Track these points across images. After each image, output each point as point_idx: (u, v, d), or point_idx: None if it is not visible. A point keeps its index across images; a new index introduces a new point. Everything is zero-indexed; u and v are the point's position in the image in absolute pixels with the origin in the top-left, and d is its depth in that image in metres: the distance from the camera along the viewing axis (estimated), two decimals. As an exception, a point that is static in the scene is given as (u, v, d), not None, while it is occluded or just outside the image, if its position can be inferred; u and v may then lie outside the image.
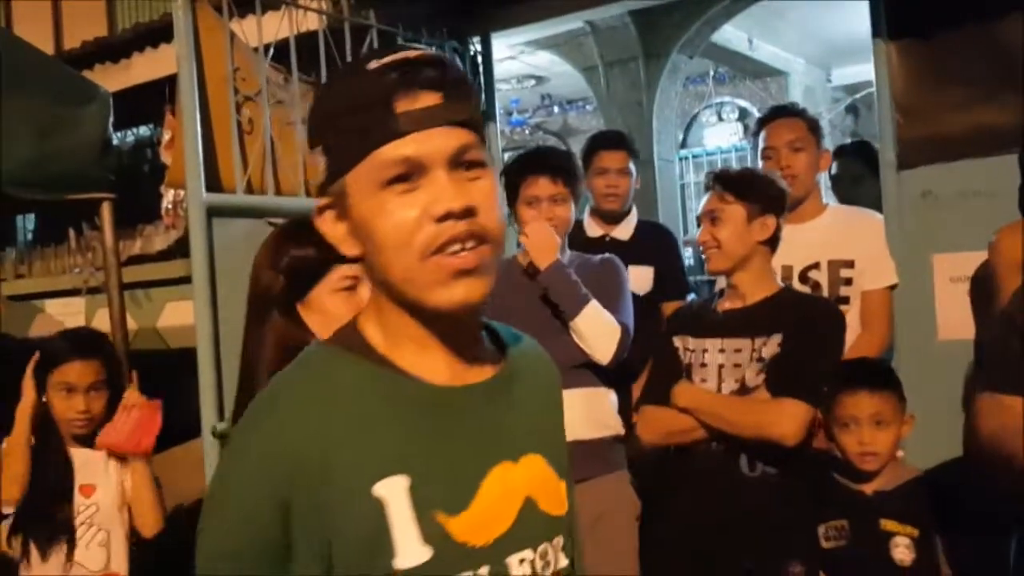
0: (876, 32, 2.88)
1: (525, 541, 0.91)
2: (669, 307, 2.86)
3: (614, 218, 3.13)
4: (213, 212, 2.52)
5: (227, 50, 2.66)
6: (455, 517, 0.86)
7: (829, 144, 2.87)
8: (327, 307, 1.56)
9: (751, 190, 2.14)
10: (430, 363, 0.91)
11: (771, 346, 2.02)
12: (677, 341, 2.12)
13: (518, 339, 1.04)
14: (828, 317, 2.10)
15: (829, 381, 2.09)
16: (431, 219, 0.85)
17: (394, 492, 0.84)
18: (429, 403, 0.90)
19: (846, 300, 2.64)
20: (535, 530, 0.93)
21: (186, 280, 2.64)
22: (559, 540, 0.96)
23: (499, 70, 4.18)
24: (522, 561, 0.90)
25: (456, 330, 0.92)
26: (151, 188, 5.21)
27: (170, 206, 5.13)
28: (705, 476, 2.05)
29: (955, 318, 2.72)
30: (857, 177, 3.42)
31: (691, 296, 3.16)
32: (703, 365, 2.08)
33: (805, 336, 2.03)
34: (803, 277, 2.67)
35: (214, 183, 2.59)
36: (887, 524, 1.97)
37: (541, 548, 0.93)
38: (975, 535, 1.97)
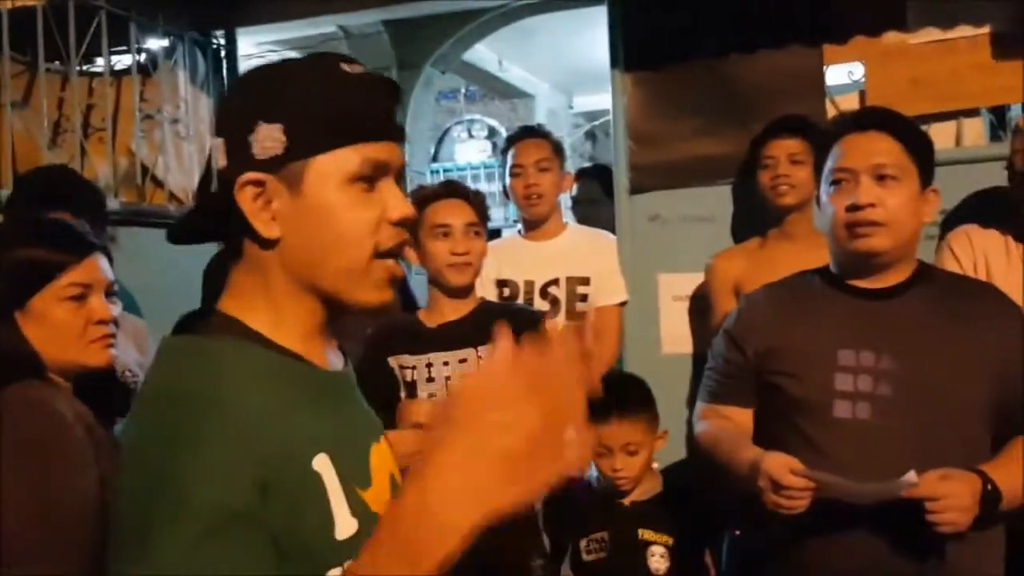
0: (614, 63, 3.07)
1: None
2: None
3: None
4: None
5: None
6: (367, 491, 0.92)
7: (570, 167, 3.00)
8: (51, 316, 1.42)
9: (487, 209, 2.18)
10: (314, 351, 0.96)
11: None
12: (392, 361, 2.09)
13: None
14: (540, 322, 2.19)
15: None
16: (388, 222, 0.92)
17: (325, 467, 0.88)
18: (325, 387, 0.96)
19: (582, 315, 2.77)
20: None
21: None
22: None
23: (244, 68, 4.00)
24: None
25: (333, 325, 0.98)
26: None
27: None
28: None
29: (676, 333, 2.95)
30: (595, 199, 3.61)
31: None
32: (430, 379, 2.07)
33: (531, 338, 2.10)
34: (543, 292, 2.78)
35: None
36: (644, 533, 2.05)
37: None
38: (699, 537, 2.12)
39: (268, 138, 0.90)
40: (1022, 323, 1.65)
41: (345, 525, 0.88)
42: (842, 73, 3.07)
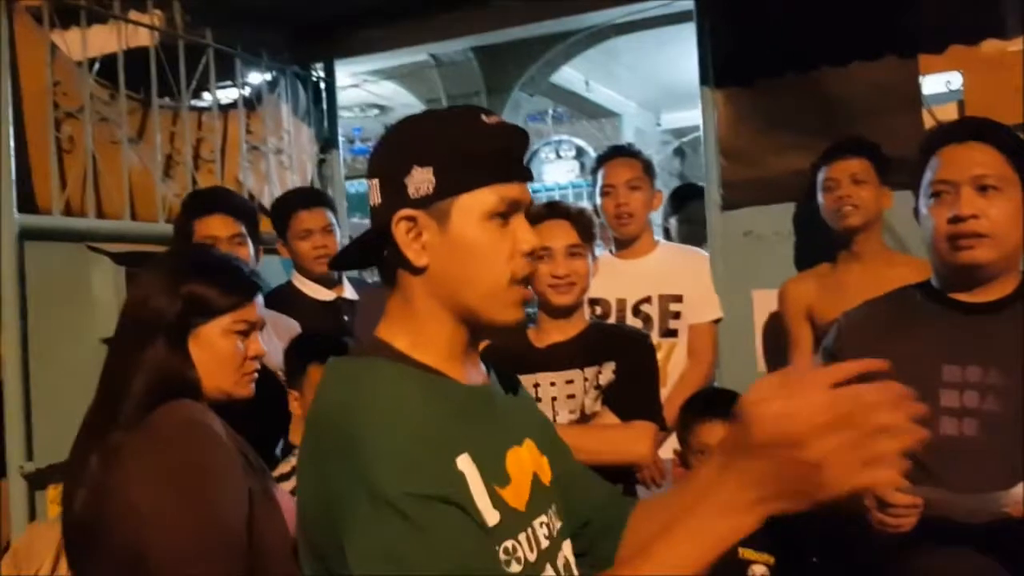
0: (703, 80, 3.07)
1: (539, 508, 1.11)
2: None
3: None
4: (26, 235, 2.36)
5: (47, 62, 2.51)
6: (505, 488, 1.05)
7: (659, 184, 3.00)
8: (217, 346, 1.54)
9: (593, 228, 2.18)
10: (454, 367, 1.09)
11: (606, 373, 2.06)
12: None
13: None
14: (648, 345, 2.18)
15: (684, 410, 2.18)
16: (520, 253, 1.07)
17: (468, 467, 1.00)
18: (464, 399, 1.08)
19: (674, 333, 2.77)
20: (541, 499, 1.12)
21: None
22: (554, 506, 1.16)
23: (342, 98, 4.14)
24: (541, 524, 1.10)
25: (476, 344, 1.13)
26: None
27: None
28: None
29: (774, 350, 2.90)
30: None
31: None
32: (537, 399, 2.08)
33: (639, 362, 2.10)
34: (636, 310, 2.78)
35: (27, 203, 2.43)
36: (745, 552, 2.01)
37: (548, 513, 1.13)
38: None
39: (421, 179, 1.04)
40: None
41: (489, 516, 1.00)
42: (939, 83, 2.99)
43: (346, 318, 2.74)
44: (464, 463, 1.00)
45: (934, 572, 1.55)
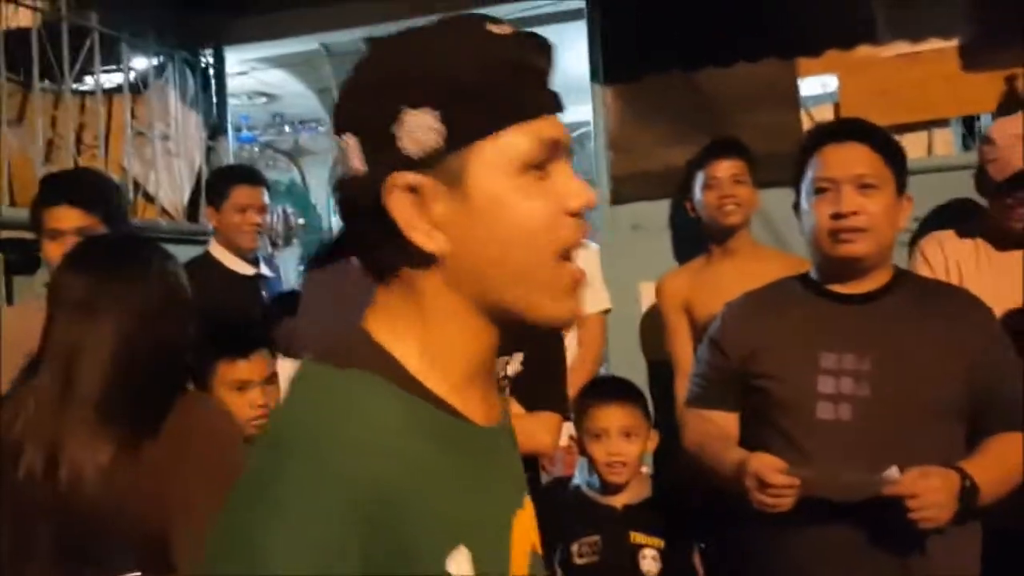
0: (594, 77, 3.14)
1: None
2: None
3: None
4: None
5: (-81, 40, 2.38)
6: None
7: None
8: None
9: None
10: (471, 397, 0.76)
11: (514, 364, 2.09)
12: None
13: None
14: (557, 336, 2.21)
15: (581, 396, 2.23)
16: (566, 213, 0.74)
17: (461, 566, 0.69)
18: (474, 449, 0.76)
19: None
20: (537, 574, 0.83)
21: None
22: None
23: (230, 85, 4.05)
24: None
25: (500, 357, 0.80)
26: None
27: None
28: None
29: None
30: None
31: None
32: None
33: (546, 353, 2.13)
34: (528, 302, 2.82)
35: None
36: (636, 536, 2.08)
37: None
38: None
39: (419, 127, 0.70)
40: (994, 324, 1.72)
41: None
42: (816, 85, 3.16)
43: (264, 294, 2.72)
44: (457, 562, 0.69)
45: (811, 549, 1.63)
